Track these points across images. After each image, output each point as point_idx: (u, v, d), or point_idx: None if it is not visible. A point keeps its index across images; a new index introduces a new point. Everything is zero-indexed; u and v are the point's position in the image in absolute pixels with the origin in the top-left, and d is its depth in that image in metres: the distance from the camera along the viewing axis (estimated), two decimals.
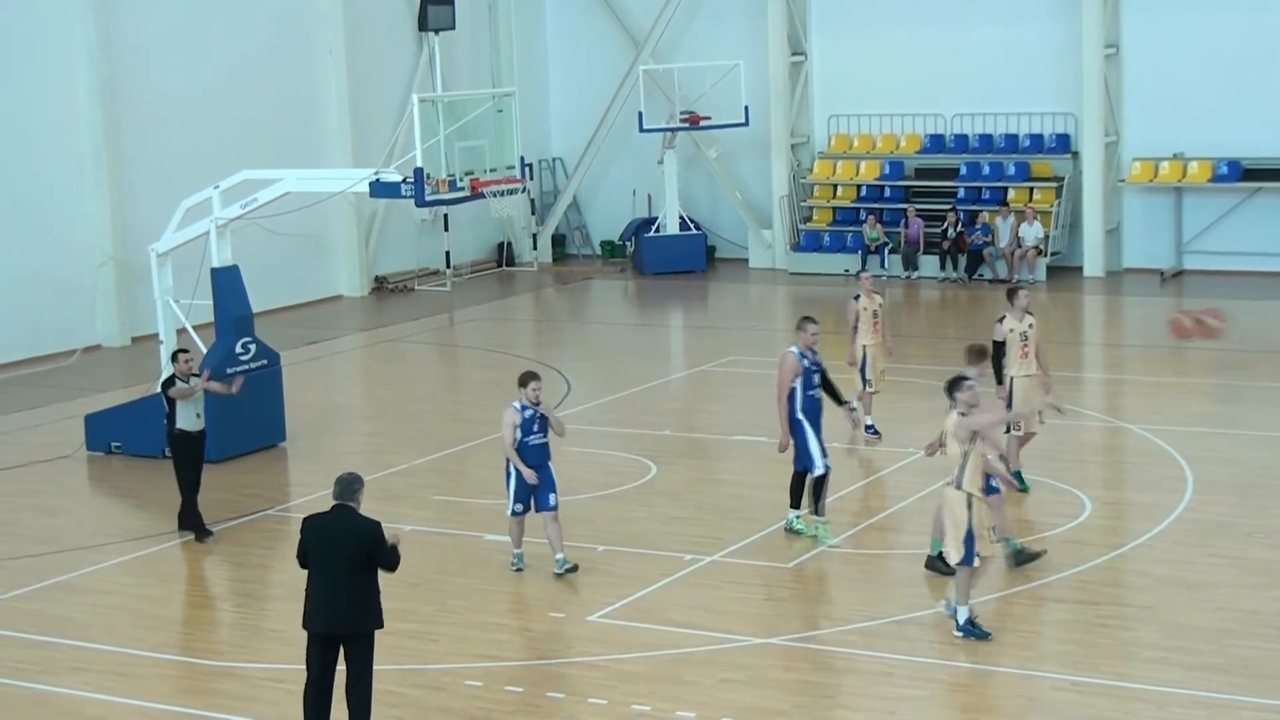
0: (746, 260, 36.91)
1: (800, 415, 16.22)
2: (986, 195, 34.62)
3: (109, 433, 21.23)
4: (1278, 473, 18.03)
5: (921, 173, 35.85)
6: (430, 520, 17.81)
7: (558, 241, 39.06)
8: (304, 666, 11.67)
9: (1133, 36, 33.61)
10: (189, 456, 17.36)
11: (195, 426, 17.46)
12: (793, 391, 16.26)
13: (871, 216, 34.91)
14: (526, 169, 22.48)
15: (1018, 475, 17.42)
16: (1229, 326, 17.31)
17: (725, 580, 15.39)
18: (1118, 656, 13.43)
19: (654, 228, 36.79)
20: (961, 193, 34.90)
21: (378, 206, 33.56)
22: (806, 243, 36.00)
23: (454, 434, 21.79)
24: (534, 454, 15.41)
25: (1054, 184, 34.33)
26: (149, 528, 18.03)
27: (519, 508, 15.55)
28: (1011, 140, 34.94)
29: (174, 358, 18.08)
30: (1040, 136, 34.70)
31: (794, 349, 16.39)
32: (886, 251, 34.50)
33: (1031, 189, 34.44)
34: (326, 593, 11.44)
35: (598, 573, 15.84)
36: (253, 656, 14.12)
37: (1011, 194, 34.44)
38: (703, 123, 35.77)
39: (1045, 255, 33.49)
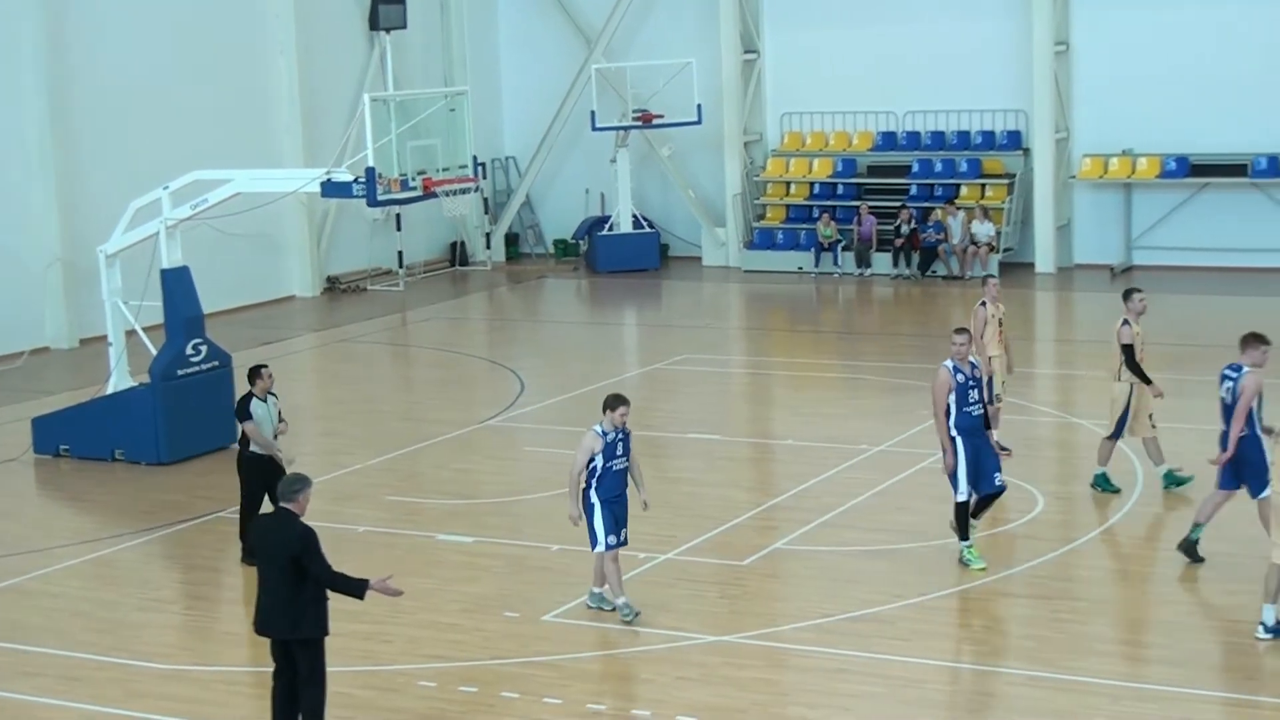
0: (700, 258, 36.91)
1: (954, 433, 15.17)
2: (939, 192, 34.72)
3: (57, 435, 21.06)
4: None
5: (874, 170, 35.92)
6: (383, 521, 17.73)
7: (511, 240, 38.96)
8: (256, 668, 11.61)
9: (1083, 33, 33.76)
10: (262, 481, 15.71)
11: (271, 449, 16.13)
12: (948, 409, 15.20)
13: (825, 214, 34.96)
14: (479, 168, 22.42)
15: (1103, 477, 17.55)
16: None
17: (680, 578, 15.36)
18: (1072, 651, 13.46)
19: (607, 226, 36.76)
20: (914, 190, 34.99)
21: (329, 206, 33.40)
22: (760, 240, 36.02)
23: (407, 434, 21.70)
24: (616, 481, 14.09)
25: (1005, 181, 34.45)
26: (98, 530, 17.89)
27: (612, 540, 14.06)
28: (963, 137, 35.05)
29: (253, 375, 16.27)
30: (992, 133, 34.82)
31: (947, 363, 15.31)
32: (840, 249, 34.56)
33: (983, 186, 34.56)
34: (263, 596, 11.44)
35: (552, 572, 15.80)
36: (204, 659, 14.01)
37: (964, 191, 34.56)
38: (655, 121, 35.74)
39: (997, 252, 33.61)
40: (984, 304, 19.17)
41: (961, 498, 15.18)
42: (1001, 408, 18.78)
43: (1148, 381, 17.27)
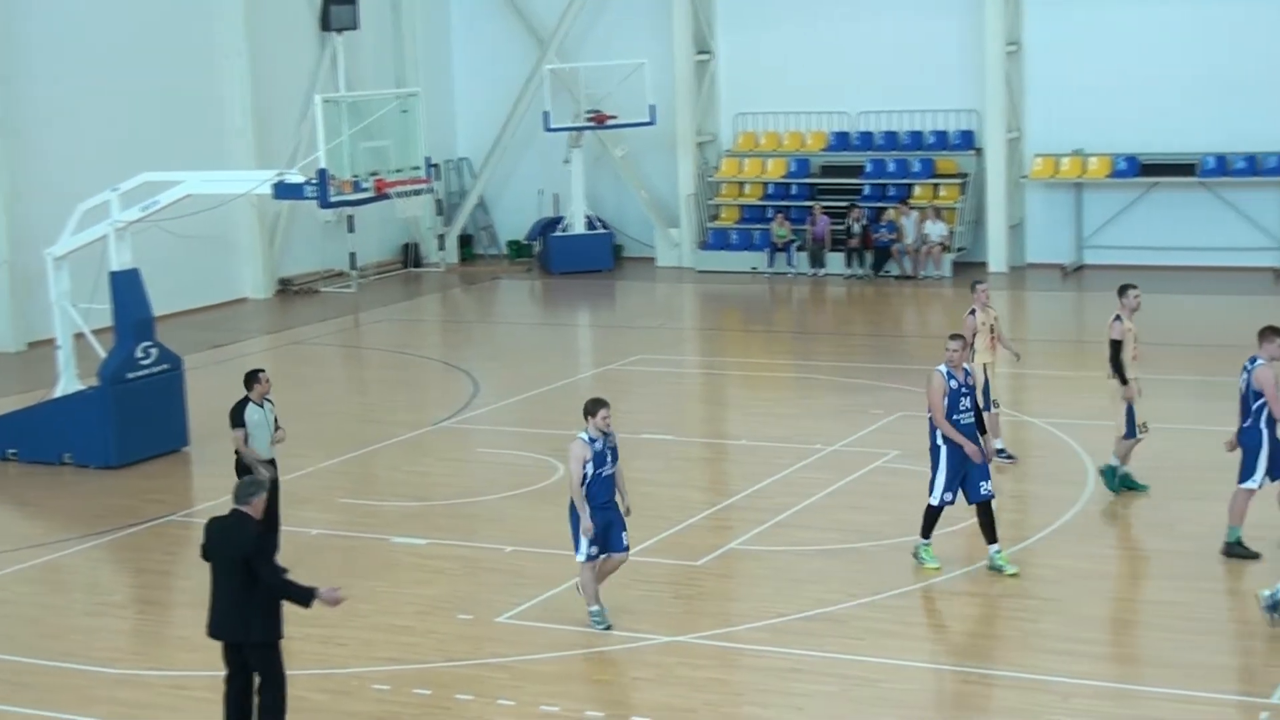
0: (653, 259, 36.91)
1: (940, 441, 15.02)
2: (892, 192, 34.83)
3: (4, 439, 20.86)
4: (1174, 465, 18.21)
5: (828, 170, 36.01)
6: (337, 523, 17.65)
7: (465, 242, 38.86)
8: (208, 672, 11.54)
9: (1034, 33, 33.93)
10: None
11: (269, 455, 15.79)
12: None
13: (779, 214, 35.02)
14: (432, 169, 22.37)
15: (1109, 471, 17.44)
16: None
17: (634, 579, 15.33)
18: (1024, 648, 13.52)
19: (561, 227, 36.71)
20: (868, 190, 35.09)
21: (282, 208, 33.24)
22: (713, 241, 36.05)
23: (361, 436, 21.61)
24: (605, 487, 13.84)
25: (958, 180, 34.59)
26: (47, 535, 17.75)
27: (594, 550, 13.85)
28: (916, 137, 35.17)
29: (250, 380, 15.85)
30: (944, 133, 34.95)
31: (940, 368, 15.08)
32: (794, 249, 34.61)
33: (936, 185, 34.69)
34: (214, 598, 11.37)
35: (506, 573, 15.77)
36: (155, 663, 13.92)
37: (917, 191, 34.68)
38: (609, 122, 35.73)
39: (951, 251, 33.74)
40: (973, 312, 18.69)
41: (935, 502, 15.06)
42: (999, 414, 18.67)
43: (1124, 381, 17.15)
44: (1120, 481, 17.36)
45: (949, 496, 15.03)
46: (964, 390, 15.03)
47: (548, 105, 35.65)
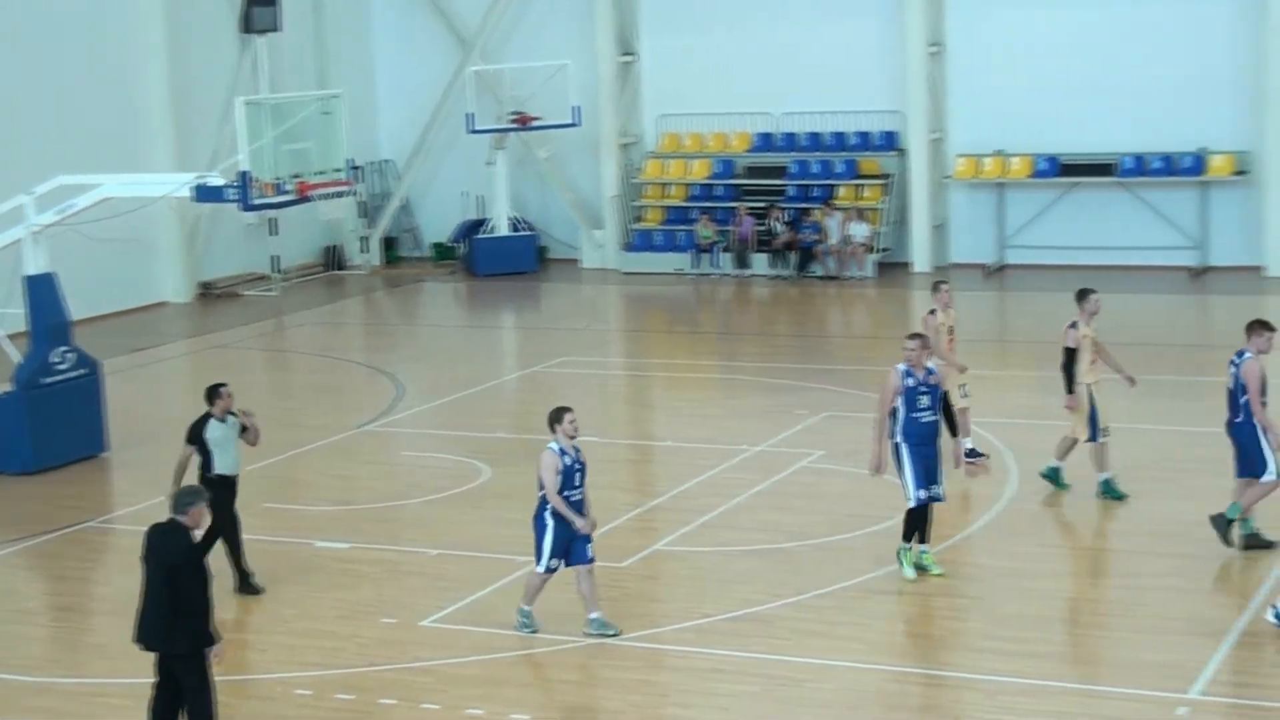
0: (578, 260, 36.85)
1: (900, 439, 14.78)
2: (816, 193, 34.94)
3: None
4: (1089, 463, 18.26)
5: (752, 171, 36.08)
6: (260, 528, 17.41)
7: (389, 244, 38.64)
8: (126, 680, 11.37)
9: (957, 35, 34.13)
10: (228, 505, 15.05)
11: (235, 471, 15.27)
12: (894, 411, 14.80)
13: (704, 215, 35.06)
14: (355, 171, 22.22)
15: (1052, 472, 17.41)
16: None
17: (560, 581, 15.24)
18: (949, 647, 13.58)
19: (485, 229, 36.58)
20: (792, 191, 35.19)
21: (203, 211, 32.87)
22: (638, 242, 36.04)
23: (284, 440, 21.37)
24: (575, 509, 13.62)
25: (882, 181, 34.75)
26: None
27: (555, 563, 13.67)
28: (840, 138, 35.30)
29: (211, 395, 15.22)
30: (868, 134, 35.09)
31: (899, 366, 14.84)
32: (718, 250, 34.65)
33: (860, 186, 34.83)
34: (143, 605, 11.16)
35: (429, 577, 15.67)
36: (72, 671, 13.73)
37: (841, 192, 34.81)
38: (533, 123, 35.64)
39: (875, 252, 33.88)
40: (933, 312, 18.53)
41: (912, 503, 14.80)
42: (968, 411, 18.35)
43: (1069, 390, 17.04)
44: (1103, 489, 17.10)
45: (922, 495, 14.78)
46: (923, 388, 14.76)
47: (471, 107, 35.52)
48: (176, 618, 10.99)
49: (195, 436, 15.10)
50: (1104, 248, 32.89)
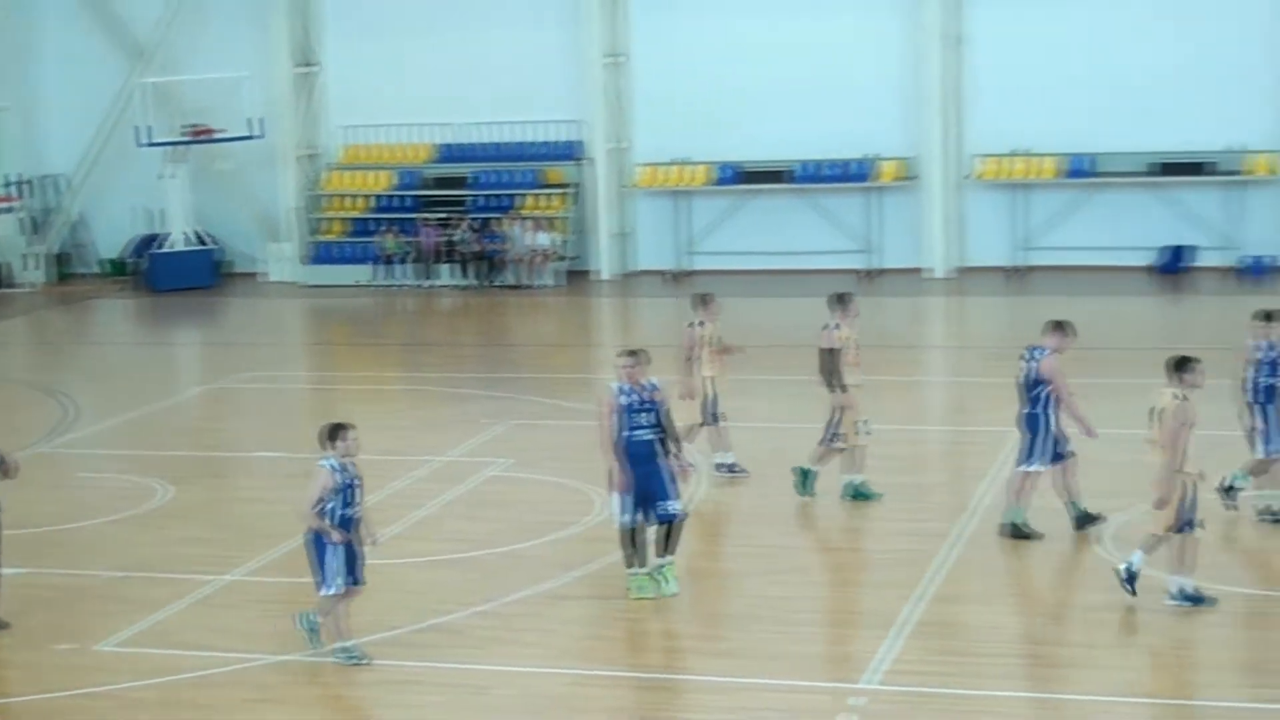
0: (259, 274, 36.24)
1: (619, 457, 14.30)
2: (501, 203, 35.08)
3: None
4: (787, 461, 18.71)
5: (438, 182, 36.02)
6: None
7: (60, 261, 37.36)
8: None
9: (640, 45, 34.67)
10: None
11: None
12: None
13: (388, 227, 34.86)
14: (20, 187, 21.43)
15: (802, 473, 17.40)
16: None
17: (245, 599, 15.02)
18: (639, 648, 13.76)
19: (163, 243, 35.68)
20: (477, 201, 35.25)
21: None
22: (322, 255, 35.65)
23: None
24: (351, 528, 13.29)
25: (566, 190, 35.07)
26: None
27: (340, 582, 13.22)
28: (523, 148, 35.50)
29: None
30: (551, 144, 35.38)
31: (612, 384, 14.47)
32: (403, 261, 34.51)
33: (544, 195, 35.08)
34: None
35: (108, 599, 15.22)
36: None
37: (525, 201, 35.01)
38: (209, 135, 34.94)
39: (560, 260, 34.17)
40: (698, 324, 18.20)
41: (617, 523, 14.50)
42: (727, 427, 18.16)
43: (829, 389, 17.04)
44: (854, 491, 17.20)
45: (626, 519, 14.39)
46: (641, 406, 14.33)
47: (145, 119, 34.63)
48: None
49: None
50: (781, 253, 33.83)
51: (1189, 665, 12.97)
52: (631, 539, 14.49)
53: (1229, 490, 16.11)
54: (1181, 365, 13.66)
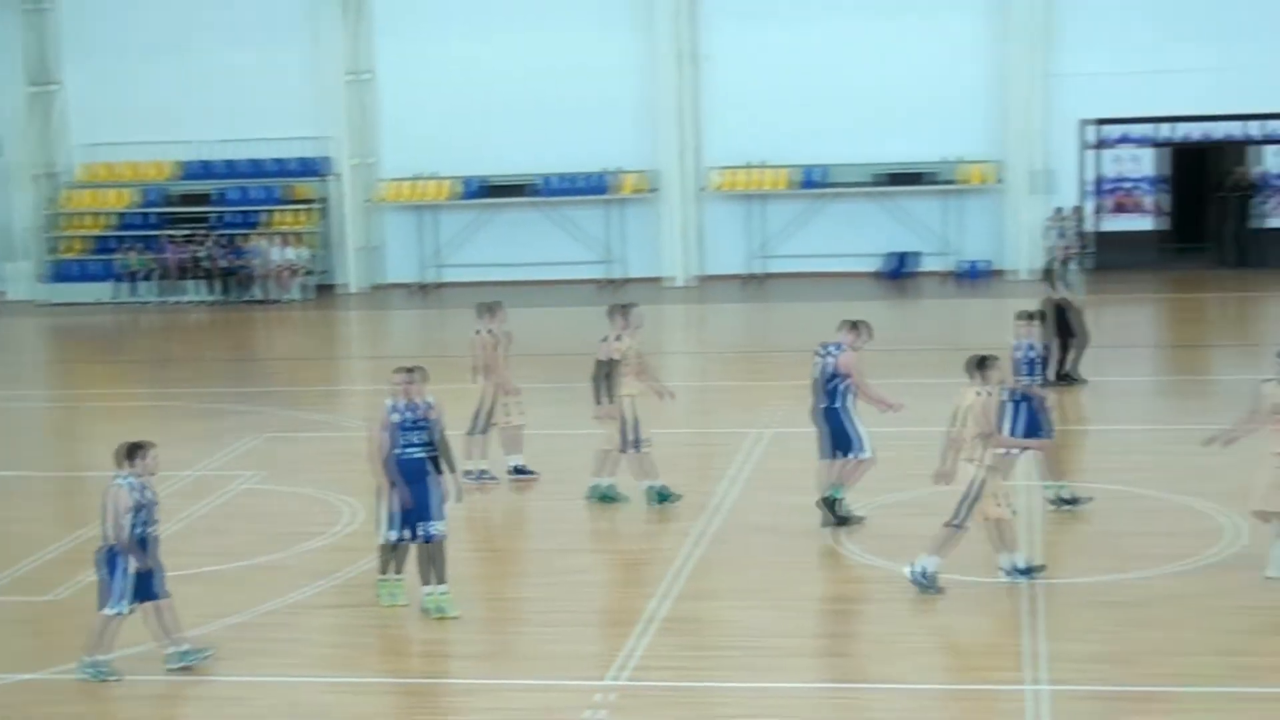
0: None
1: (392, 475, 14.16)
2: (249, 218, 34.84)
3: None
4: (560, 468, 18.92)
5: (182, 199, 35.61)
6: None
7: None
8: None
9: (386, 63, 34.80)
10: None
11: None
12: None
13: (131, 244, 34.35)
14: None
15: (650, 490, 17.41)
16: None
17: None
18: (395, 653, 13.90)
19: None
20: (223, 217, 34.96)
21: None
22: (62, 273, 34.94)
23: None
24: (151, 545, 13.16)
25: (313, 205, 34.98)
26: None
27: (125, 604, 13.08)
28: (270, 164, 35.33)
29: None
30: (297, 160, 35.26)
31: (387, 401, 14.32)
32: (148, 278, 34.03)
33: (291, 211, 34.94)
34: None
35: None
36: None
37: (271, 216, 34.83)
38: None
39: (308, 274, 34.06)
40: (488, 331, 18.25)
41: (382, 539, 14.41)
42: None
43: (597, 400, 17.20)
44: (601, 493, 17.44)
45: (392, 536, 14.30)
46: (413, 423, 14.20)
47: None
48: None
49: None
50: (526, 264, 34.26)
51: (919, 651, 13.56)
52: (392, 548, 14.54)
53: (1069, 501, 16.77)
54: (982, 364, 14.37)
